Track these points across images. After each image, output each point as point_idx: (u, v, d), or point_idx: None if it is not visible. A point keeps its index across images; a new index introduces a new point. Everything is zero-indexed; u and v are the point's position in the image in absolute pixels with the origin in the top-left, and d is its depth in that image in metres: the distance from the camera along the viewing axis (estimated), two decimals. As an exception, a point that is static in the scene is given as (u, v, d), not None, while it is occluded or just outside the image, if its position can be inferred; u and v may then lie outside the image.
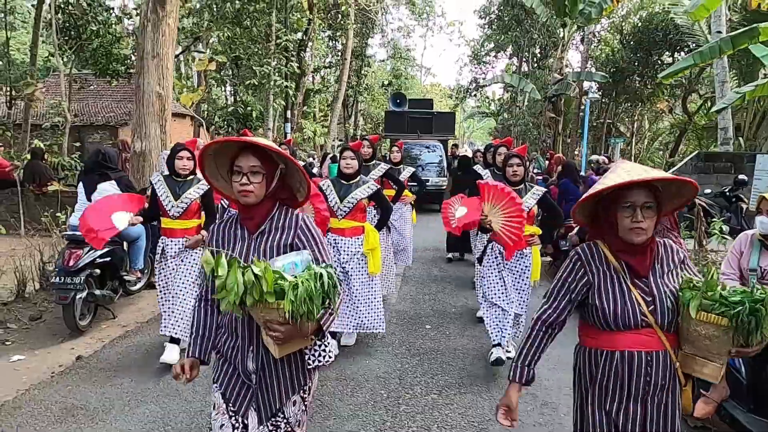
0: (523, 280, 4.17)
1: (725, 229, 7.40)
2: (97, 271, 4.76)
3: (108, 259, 4.87)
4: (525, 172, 4.17)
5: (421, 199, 9.01)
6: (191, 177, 4.08)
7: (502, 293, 4.11)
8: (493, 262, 4.17)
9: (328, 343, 1.87)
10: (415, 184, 6.95)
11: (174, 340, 4.05)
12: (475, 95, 32.77)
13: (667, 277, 1.78)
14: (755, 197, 8.73)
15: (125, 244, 5.38)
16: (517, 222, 3.77)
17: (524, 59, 27.33)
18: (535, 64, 26.35)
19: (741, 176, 10.05)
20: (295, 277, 1.61)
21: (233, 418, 1.86)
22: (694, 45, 14.96)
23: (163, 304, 4.06)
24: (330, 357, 1.88)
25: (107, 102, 20.78)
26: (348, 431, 3.17)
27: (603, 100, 18.25)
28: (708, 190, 10.27)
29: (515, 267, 4.17)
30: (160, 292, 4.10)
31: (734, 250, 3.24)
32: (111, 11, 13.02)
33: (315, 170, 11.94)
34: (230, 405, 1.86)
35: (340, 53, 24.05)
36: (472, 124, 48.74)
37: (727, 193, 9.91)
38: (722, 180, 10.91)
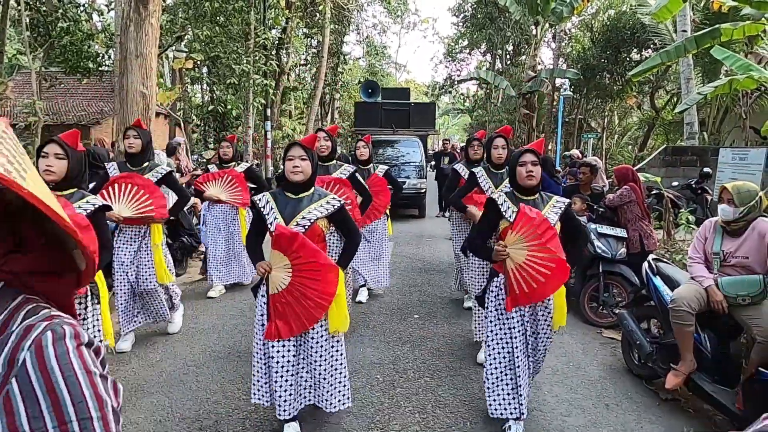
0: (542, 326, 3.09)
1: (692, 219, 7.85)
2: (92, 268, 4.83)
3: (102, 257, 4.95)
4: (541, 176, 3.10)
5: (397, 203, 8.01)
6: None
7: (520, 351, 3.01)
8: (498, 305, 3.09)
9: None
10: (390, 187, 5.51)
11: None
12: (450, 92, 33.20)
13: None
14: (719, 188, 9.20)
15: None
16: (543, 266, 2.82)
17: (498, 56, 27.85)
18: (509, 62, 26.88)
19: (706, 169, 10.58)
20: None
21: None
22: (660, 43, 15.53)
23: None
24: None
25: (78, 100, 20.43)
26: (349, 411, 3.37)
27: (574, 97, 18.74)
28: (675, 183, 10.80)
29: (533, 310, 3.07)
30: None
31: (699, 236, 3.55)
32: (81, 8, 12.84)
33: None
34: None
35: (315, 51, 24.07)
36: (447, 120, 49.31)
37: (693, 186, 10.42)
38: (689, 173, 11.44)
